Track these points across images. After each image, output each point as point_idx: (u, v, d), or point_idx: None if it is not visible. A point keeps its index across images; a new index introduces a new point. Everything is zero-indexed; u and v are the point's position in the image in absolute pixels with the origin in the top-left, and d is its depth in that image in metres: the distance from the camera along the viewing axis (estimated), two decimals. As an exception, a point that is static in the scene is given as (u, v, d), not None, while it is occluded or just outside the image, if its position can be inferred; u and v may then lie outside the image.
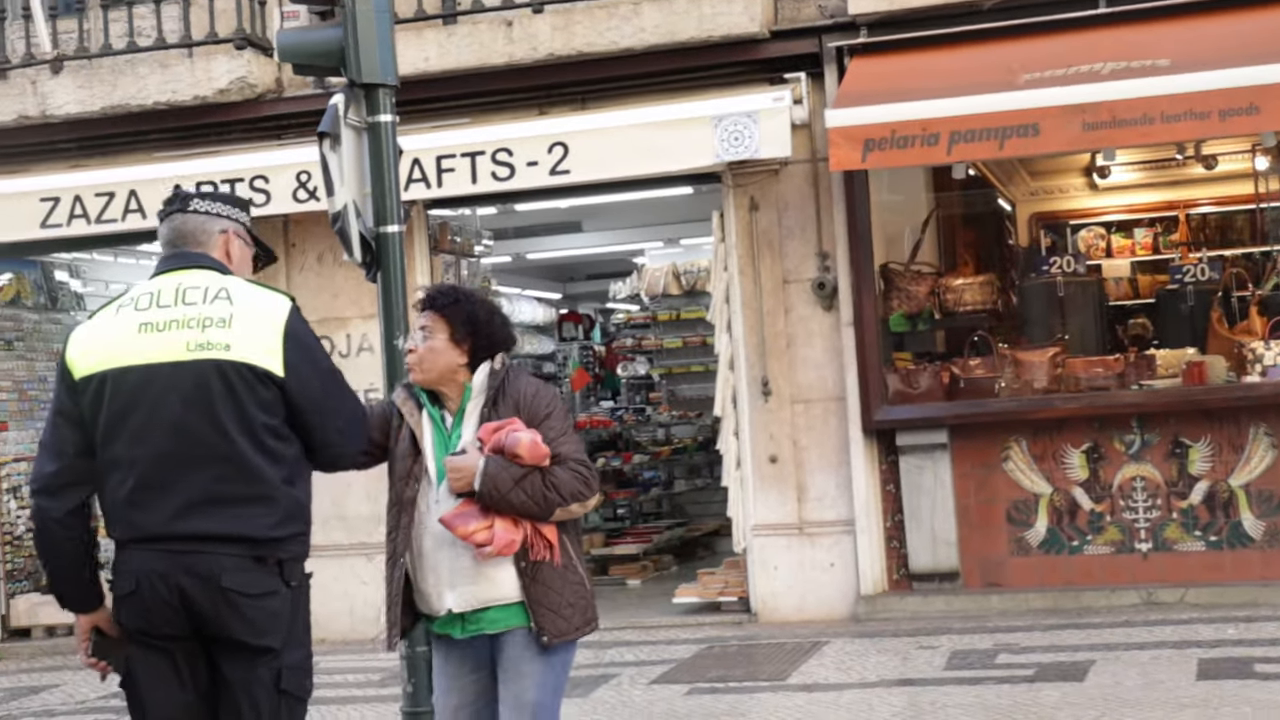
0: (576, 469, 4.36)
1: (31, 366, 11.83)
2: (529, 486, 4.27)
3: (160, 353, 3.93)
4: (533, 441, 4.28)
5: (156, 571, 3.88)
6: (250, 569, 3.91)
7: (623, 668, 8.53)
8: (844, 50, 9.55)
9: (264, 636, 3.92)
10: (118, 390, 3.93)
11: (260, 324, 3.97)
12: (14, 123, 10.58)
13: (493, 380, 4.46)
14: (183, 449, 3.89)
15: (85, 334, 4.06)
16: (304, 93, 10.27)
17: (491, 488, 4.24)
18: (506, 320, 4.62)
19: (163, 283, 4.06)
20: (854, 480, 9.63)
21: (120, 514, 3.94)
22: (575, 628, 4.39)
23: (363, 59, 6.20)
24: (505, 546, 4.26)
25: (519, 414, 4.38)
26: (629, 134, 9.51)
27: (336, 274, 10.48)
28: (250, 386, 3.92)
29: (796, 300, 9.87)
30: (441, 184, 9.74)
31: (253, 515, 3.90)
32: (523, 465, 4.26)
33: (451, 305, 4.49)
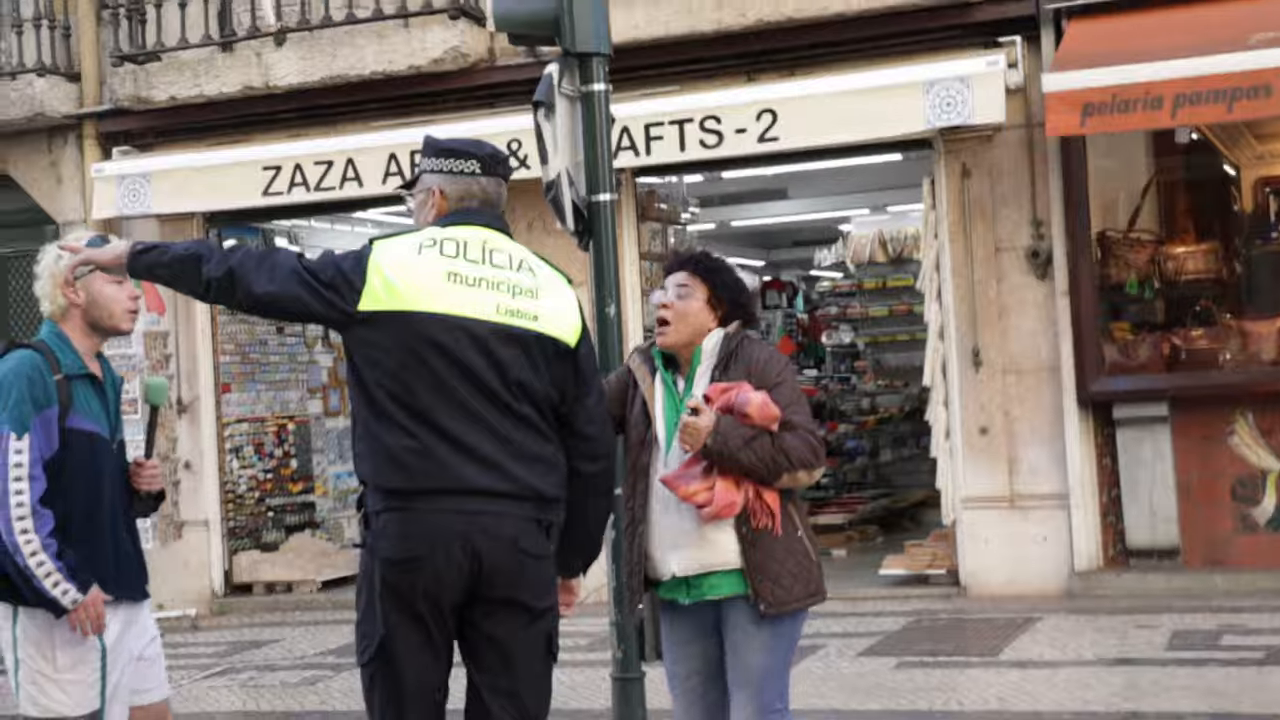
0: (806, 436, 4.29)
1: (252, 330, 12.23)
2: (759, 448, 4.22)
3: (469, 307, 3.83)
4: (764, 401, 4.23)
5: (453, 533, 3.76)
6: (534, 531, 3.87)
7: (830, 639, 8.48)
8: (1062, 12, 9.28)
9: (544, 598, 3.90)
10: (419, 332, 3.79)
11: (562, 301, 3.99)
12: (240, 93, 10.92)
13: (726, 344, 4.42)
14: (482, 403, 3.81)
15: (390, 261, 3.84)
16: (515, 61, 10.39)
17: (722, 444, 4.20)
18: (753, 295, 4.67)
19: (468, 234, 3.95)
20: (1068, 453, 9.39)
21: (414, 461, 3.77)
22: (796, 598, 4.31)
23: (577, 28, 6.22)
24: (726, 507, 4.22)
25: (750, 379, 4.33)
26: (838, 100, 9.38)
27: (546, 241, 10.55)
28: (549, 360, 3.91)
29: (1009, 269, 9.65)
30: (650, 152, 9.75)
31: (543, 472, 3.88)
32: (752, 426, 4.21)
33: (713, 270, 4.51)
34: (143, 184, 10.96)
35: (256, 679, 8.72)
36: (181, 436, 11.44)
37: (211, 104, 11.09)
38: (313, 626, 10.31)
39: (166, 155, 11.22)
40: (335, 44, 10.68)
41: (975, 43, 9.47)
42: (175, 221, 11.38)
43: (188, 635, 10.40)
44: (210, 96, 11.01)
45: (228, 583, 11.57)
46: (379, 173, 10.33)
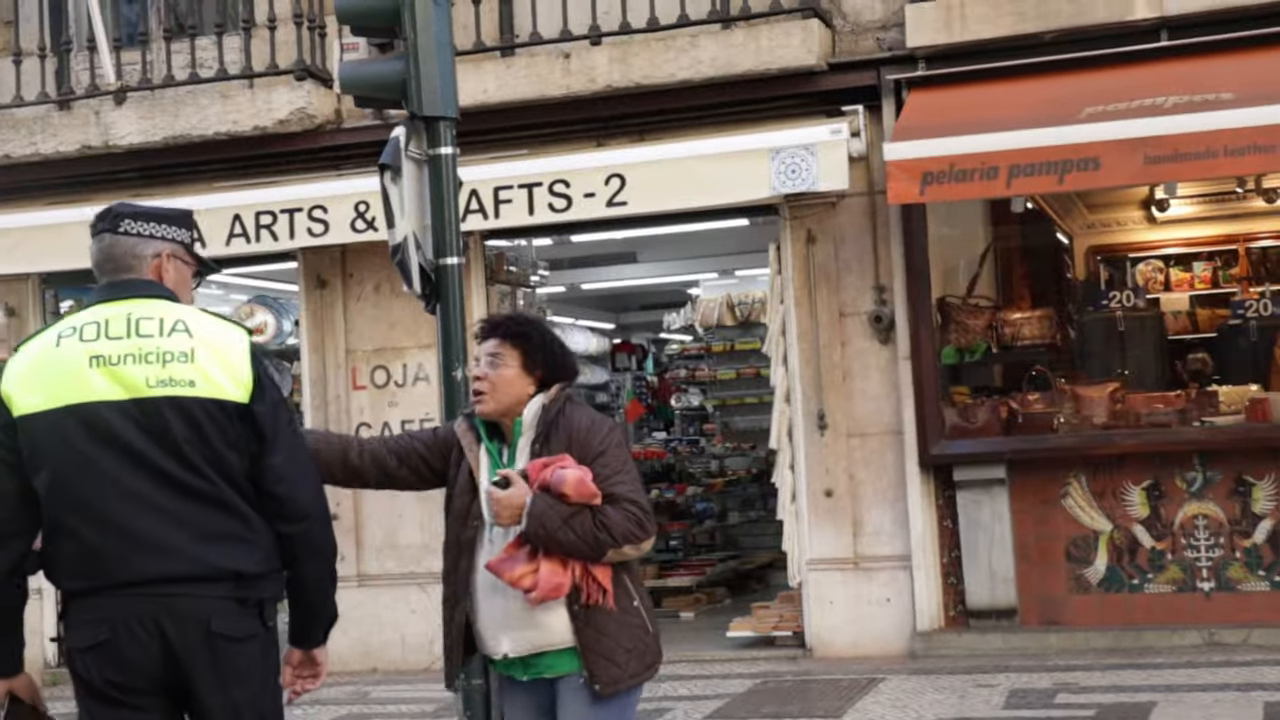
0: (630, 509, 4.13)
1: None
2: (578, 526, 4.07)
3: (118, 388, 3.64)
4: (579, 479, 4.08)
5: (135, 616, 3.60)
6: (234, 611, 3.67)
7: (676, 702, 8.47)
8: (902, 83, 9.52)
9: (243, 686, 3.70)
10: (72, 428, 3.63)
11: (224, 358, 3.74)
12: (78, 152, 10.70)
13: (545, 415, 4.26)
14: (156, 488, 3.63)
15: (24, 366, 3.71)
16: (362, 124, 10.35)
17: (538, 526, 4.05)
18: (569, 351, 4.51)
19: (109, 311, 3.74)
20: (911, 515, 9.56)
21: (85, 562, 3.63)
22: (631, 674, 4.17)
23: (424, 91, 6.22)
24: (551, 590, 4.08)
25: (571, 450, 4.18)
26: (686, 166, 9.50)
27: (394, 304, 10.52)
28: (219, 424, 3.69)
29: (853, 333, 9.82)
30: (499, 215, 9.76)
31: (237, 552, 3.68)
32: (570, 504, 4.06)
33: (524, 333, 4.36)
34: (-25, 243, 10.66)
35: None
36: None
37: (48, 163, 10.85)
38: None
39: (1, 215, 10.92)
40: (178, 103, 10.53)
41: (819, 111, 9.67)
42: (10, 282, 11.08)
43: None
44: (46, 155, 10.77)
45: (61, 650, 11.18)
46: (223, 234, 10.16)
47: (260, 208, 10.13)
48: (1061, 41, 9.23)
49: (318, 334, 10.78)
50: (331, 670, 10.31)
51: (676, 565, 13.02)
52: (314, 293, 10.79)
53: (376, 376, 10.64)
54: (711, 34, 9.64)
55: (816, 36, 9.48)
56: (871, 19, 9.79)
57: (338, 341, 10.73)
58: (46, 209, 10.84)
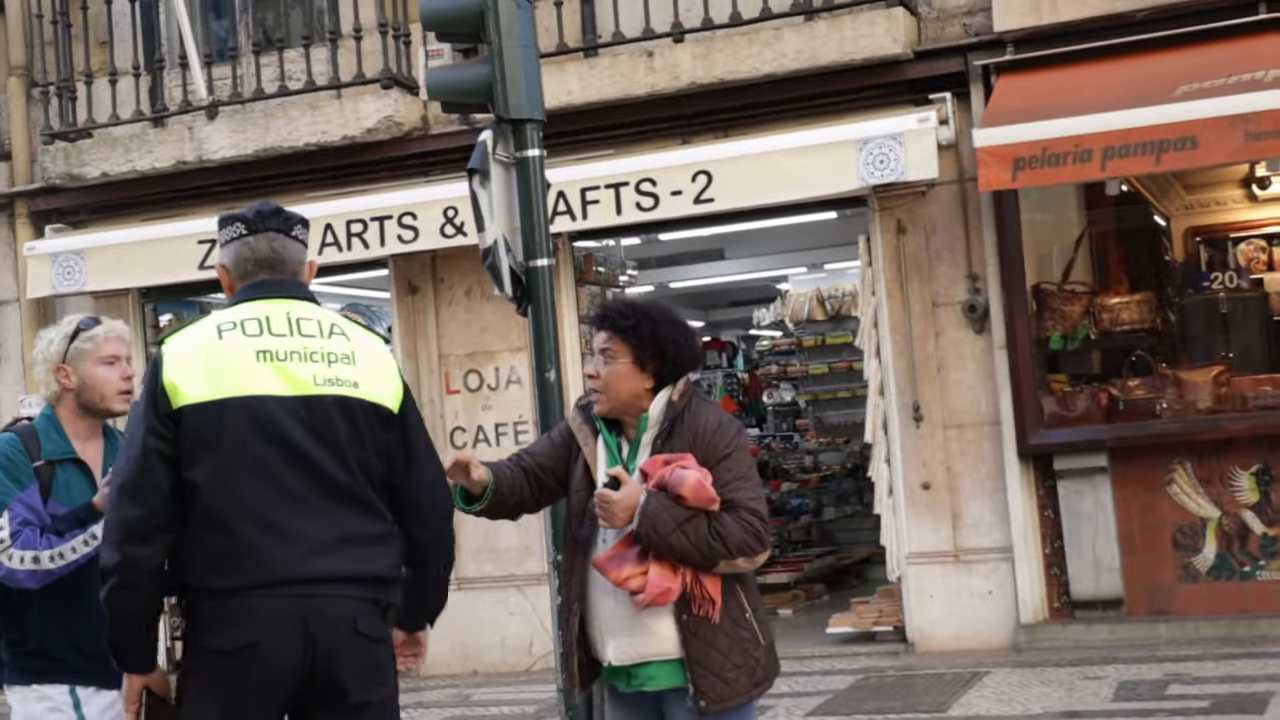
0: (748, 519, 3.90)
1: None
2: (692, 532, 3.85)
3: (286, 384, 3.65)
4: (698, 482, 3.86)
5: (286, 616, 3.56)
6: (372, 612, 3.69)
7: (778, 699, 8.43)
8: (990, 68, 9.40)
9: (383, 686, 3.74)
10: (239, 421, 3.60)
11: (380, 364, 3.82)
12: (172, 168, 10.86)
13: (670, 411, 4.03)
14: (312, 487, 3.64)
15: (186, 357, 3.65)
16: (449, 129, 10.40)
17: (650, 529, 3.84)
18: (693, 335, 4.18)
19: (269, 309, 3.75)
20: (1011, 506, 9.43)
21: (236, 559, 3.57)
22: (741, 692, 3.95)
23: (510, 95, 6.25)
24: (660, 595, 3.87)
25: (694, 450, 3.96)
26: (772, 160, 9.44)
27: (484, 308, 10.56)
28: (373, 428, 3.73)
29: (947, 323, 9.71)
30: (587, 216, 9.77)
31: (379, 554, 3.71)
32: (687, 507, 3.85)
33: (634, 326, 4.07)
34: (77, 261, 10.86)
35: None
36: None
37: (144, 179, 11.02)
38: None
39: (100, 232, 11.12)
40: (268, 116, 10.66)
41: (906, 100, 9.57)
42: (110, 298, 11.27)
43: None
44: (143, 172, 10.95)
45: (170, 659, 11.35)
46: (315, 243, 10.25)
47: (351, 216, 10.23)
48: (1154, 20, 9.06)
49: (410, 340, 10.85)
50: (432, 673, 10.45)
51: (774, 562, 12.95)
52: (405, 299, 10.87)
53: (469, 380, 10.69)
54: (794, 26, 9.58)
55: (901, 25, 9.39)
56: (957, 4, 9.67)
57: (430, 347, 10.80)
58: (143, 225, 11.03)
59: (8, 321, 11.60)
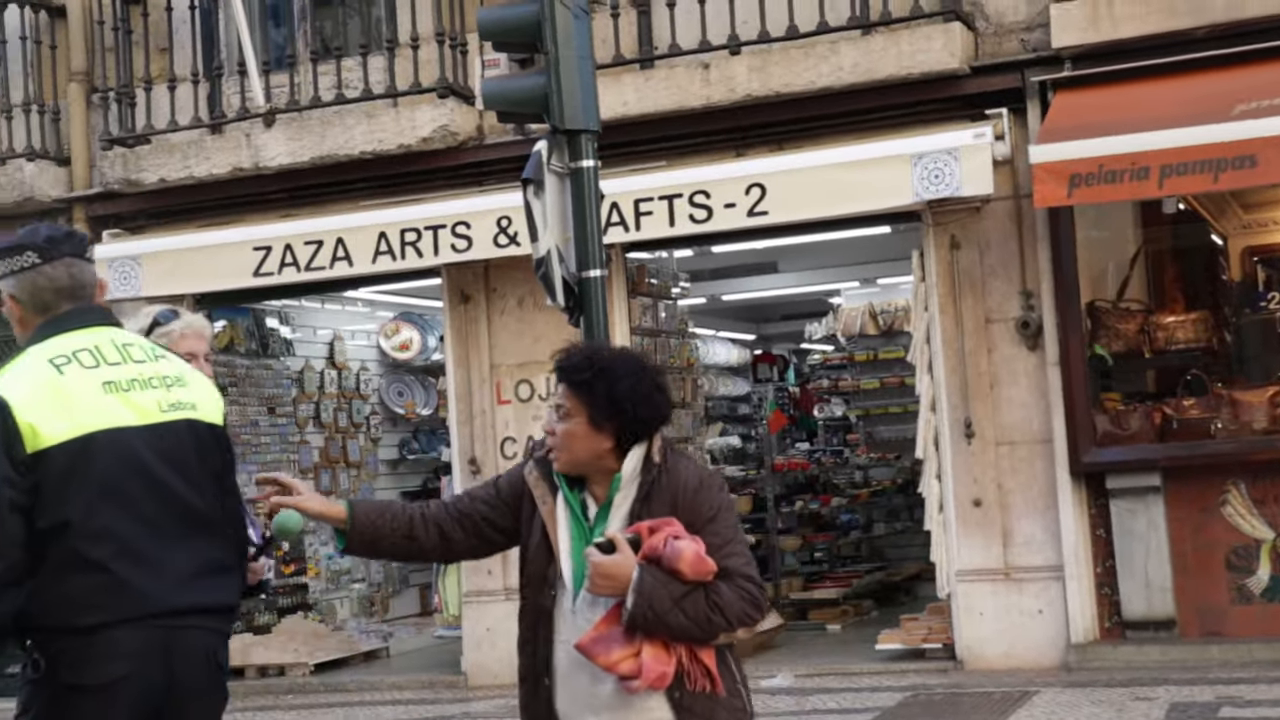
0: (745, 587, 3.59)
1: (244, 411, 12.21)
2: (690, 608, 3.52)
3: (134, 414, 3.56)
4: (696, 555, 3.53)
5: (151, 650, 3.49)
6: (223, 645, 3.69)
7: (826, 715, 8.40)
8: (1048, 85, 9.35)
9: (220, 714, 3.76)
10: (101, 455, 3.49)
11: (204, 383, 3.80)
12: (229, 174, 10.96)
13: (648, 472, 3.66)
14: (173, 516, 3.57)
15: (33, 396, 3.49)
16: (504, 139, 10.44)
17: (646, 608, 3.49)
18: (659, 390, 3.74)
19: (93, 338, 3.63)
20: (1062, 524, 9.35)
21: (106, 595, 3.46)
22: None
23: (565, 105, 6.27)
24: (656, 680, 3.54)
25: (676, 513, 3.60)
26: (827, 174, 9.42)
27: (536, 318, 10.59)
28: (212, 449, 3.70)
29: (1000, 340, 9.65)
30: (640, 227, 9.78)
31: (230, 584, 3.71)
32: (685, 581, 3.53)
33: (588, 382, 3.66)
34: (133, 267, 10.96)
35: (247, 763, 8.61)
36: (171, 518, 11.36)
37: (201, 186, 11.12)
38: (305, 710, 10.19)
39: (156, 238, 11.23)
40: (324, 124, 10.73)
41: (962, 115, 9.53)
42: (167, 303, 11.35)
43: None
44: (200, 178, 11.05)
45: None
46: (369, 252, 10.34)
47: (405, 225, 10.28)
48: (1213, 38, 8.98)
49: (462, 349, 10.89)
50: (479, 683, 10.41)
51: (823, 577, 12.93)
52: (458, 308, 10.91)
53: (521, 390, 10.72)
54: (851, 40, 9.56)
55: (959, 39, 9.35)
56: (1015, 20, 9.63)
57: (482, 357, 10.83)
58: (200, 231, 11.12)
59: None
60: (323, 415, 13.35)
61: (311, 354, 13.47)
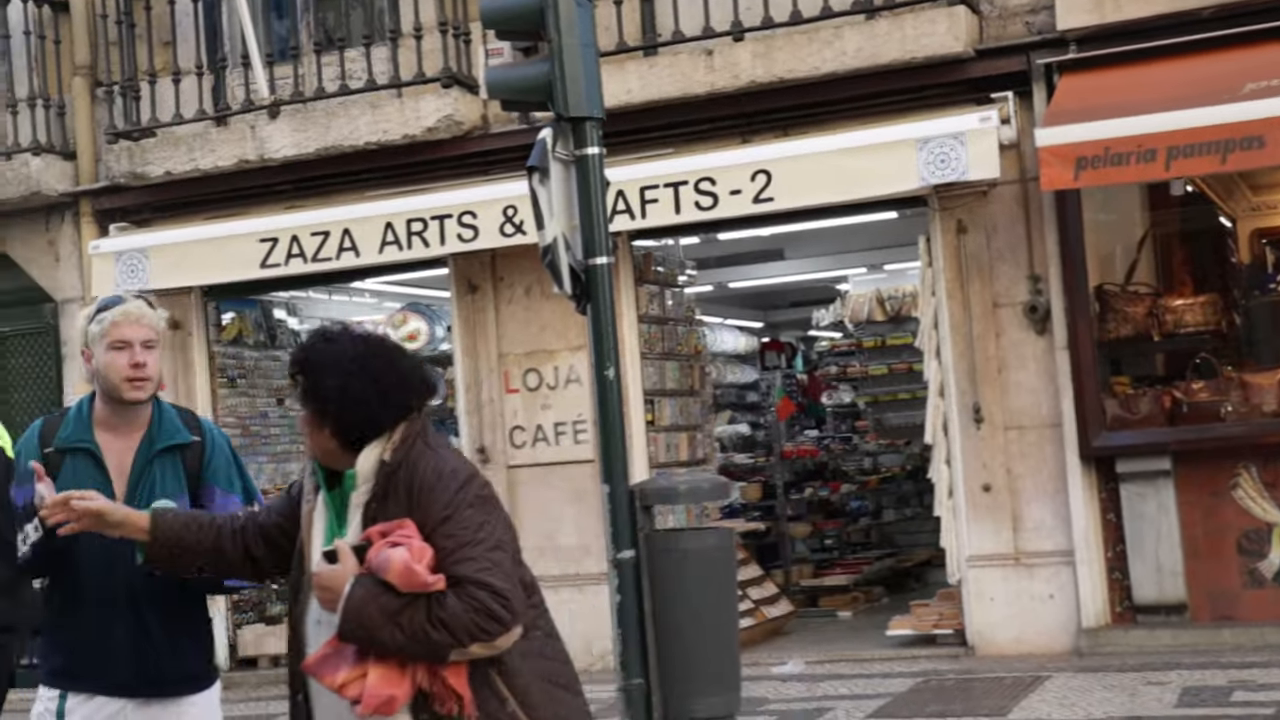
0: (476, 596, 3.15)
1: (253, 403, 12.21)
2: (408, 623, 3.13)
3: None
4: (404, 566, 3.13)
5: None
6: None
7: (837, 701, 8.38)
8: (1053, 67, 9.31)
9: None
10: None
11: None
12: (234, 166, 10.95)
13: (383, 470, 3.30)
14: None
15: None
16: (509, 128, 10.42)
17: (355, 624, 3.14)
18: (402, 377, 3.38)
19: None
20: (1072, 509, 9.33)
21: None
22: None
23: (569, 93, 6.24)
24: (381, 705, 3.17)
25: (412, 513, 3.23)
26: (832, 159, 9.39)
27: (543, 307, 10.58)
28: None
29: (1008, 324, 9.63)
30: (646, 215, 9.76)
31: None
32: (401, 594, 3.15)
33: (295, 375, 3.38)
34: (140, 259, 10.96)
35: (259, 755, 8.62)
36: (181, 511, 11.34)
37: (207, 178, 11.11)
38: None
39: (163, 230, 11.22)
40: (329, 115, 10.71)
41: (967, 99, 9.50)
42: (173, 296, 11.37)
43: (189, 712, 10.26)
44: (205, 171, 11.04)
45: (233, 657, 11.46)
46: (376, 242, 10.33)
47: (411, 215, 10.27)
48: (1220, 17, 8.93)
49: (470, 339, 10.88)
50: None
51: (833, 564, 12.92)
52: (465, 298, 10.90)
53: (529, 380, 10.70)
54: (855, 25, 9.53)
55: (963, 23, 9.32)
56: (1020, 3, 9.59)
57: (489, 346, 10.82)
58: (206, 223, 11.12)
59: (74, 319, 11.70)
60: (331, 406, 13.32)
61: (319, 345, 13.44)
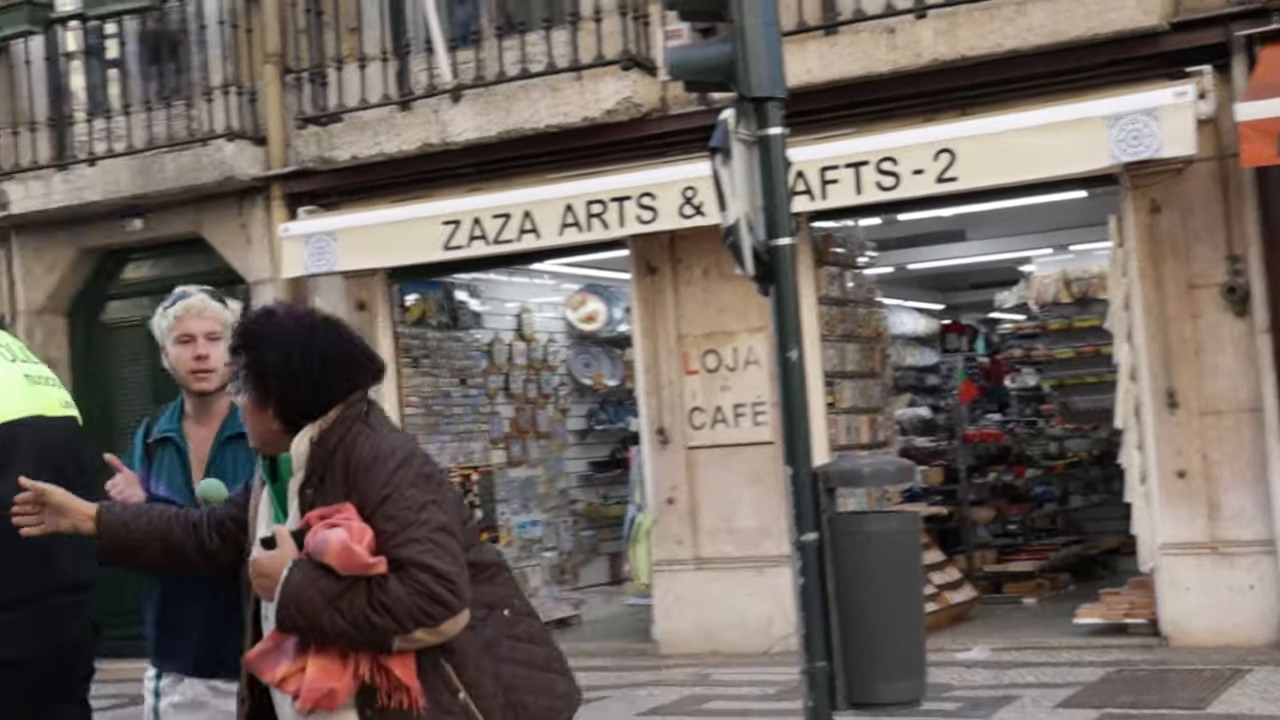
0: (419, 579, 3.01)
1: (436, 383, 12.41)
2: (347, 607, 3.01)
3: (50, 406, 3.92)
4: (342, 546, 3.01)
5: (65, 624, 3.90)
6: None
7: (1024, 690, 8.21)
8: (1254, 39, 8.95)
9: None
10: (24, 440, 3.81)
11: None
12: (418, 150, 11.11)
13: (318, 451, 3.18)
14: None
15: None
16: (687, 110, 10.39)
17: (293, 610, 3.03)
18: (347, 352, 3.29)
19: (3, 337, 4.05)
20: (1273, 497, 9.00)
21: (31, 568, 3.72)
22: None
23: (752, 73, 6.17)
24: (322, 699, 3.06)
25: (350, 495, 3.11)
26: (1018, 138, 9.16)
27: (722, 288, 10.54)
28: (86, 444, 4.06)
29: (1204, 306, 9.30)
30: (826, 196, 9.65)
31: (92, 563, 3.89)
32: (341, 577, 3.03)
33: (237, 350, 3.28)
34: (328, 242, 11.20)
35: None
36: (367, 489, 11.54)
37: (391, 162, 11.30)
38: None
39: (350, 213, 11.44)
40: (510, 99, 10.81)
41: (1159, 74, 9.18)
42: (360, 278, 11.61)
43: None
44: (390, 154, 11.22)
45: None
46: (556, 224, 10.40)
47: (591, 197, 10.31)
48: None
49: (649, 320, 10.90)
50: (673, 652, 10.49)
51: (1018, 550, 12.67)
52: (644, 279, 10.91)
53: (708, 361, 10.68)
54: (1039, 1, 9.27)
55: (1156, -5, 9.02)
56: (1218, -28, 9.25)
57: (668, 327, 10.83)
58: (391, 206, 11.31)
59: (265, 300, 12.03)
60: (512, 386, 13.52)
61: (500, 326, 13.64)
